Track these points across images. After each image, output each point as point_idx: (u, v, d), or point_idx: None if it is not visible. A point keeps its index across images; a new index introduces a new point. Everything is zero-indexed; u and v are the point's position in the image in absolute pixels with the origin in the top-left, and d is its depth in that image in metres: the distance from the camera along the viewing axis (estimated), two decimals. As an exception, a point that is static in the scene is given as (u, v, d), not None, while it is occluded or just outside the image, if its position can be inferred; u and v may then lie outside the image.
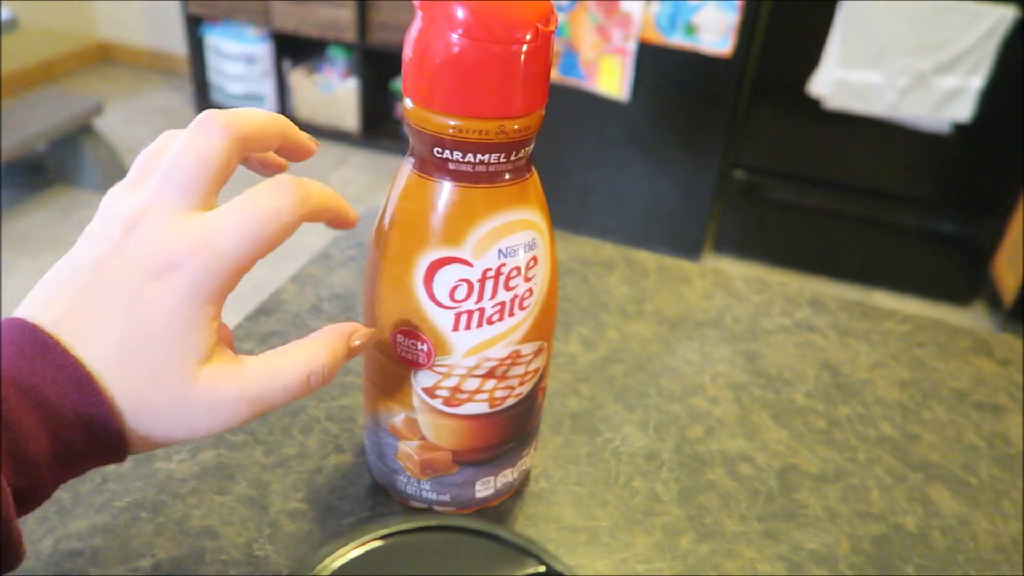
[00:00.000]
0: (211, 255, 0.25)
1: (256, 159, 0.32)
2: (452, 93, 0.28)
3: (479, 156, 0.29)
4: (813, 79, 1.84)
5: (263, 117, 0.28)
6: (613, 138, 2.01)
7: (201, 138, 0.26)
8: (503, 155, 0.29)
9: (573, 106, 1.99)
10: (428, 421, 0.34)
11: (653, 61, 1.87)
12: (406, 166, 0.31)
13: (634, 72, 1.89)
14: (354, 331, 0.30)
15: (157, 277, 0.25)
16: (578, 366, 0.49)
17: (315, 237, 2.14)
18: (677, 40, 1.82)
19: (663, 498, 0.41)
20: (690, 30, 1.80)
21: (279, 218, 0.26)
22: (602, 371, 0.49)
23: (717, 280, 0.60)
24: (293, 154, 0.32)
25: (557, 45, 1.91)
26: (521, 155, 0.30)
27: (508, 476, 0.37)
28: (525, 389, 0.34)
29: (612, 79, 1.92)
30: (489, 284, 0.31)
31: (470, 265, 0.30)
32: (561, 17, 1.87)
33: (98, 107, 2.24)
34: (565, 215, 2.15)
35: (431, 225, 0.30)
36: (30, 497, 0.25)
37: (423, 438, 0.34)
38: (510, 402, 0.34)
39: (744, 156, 2.03)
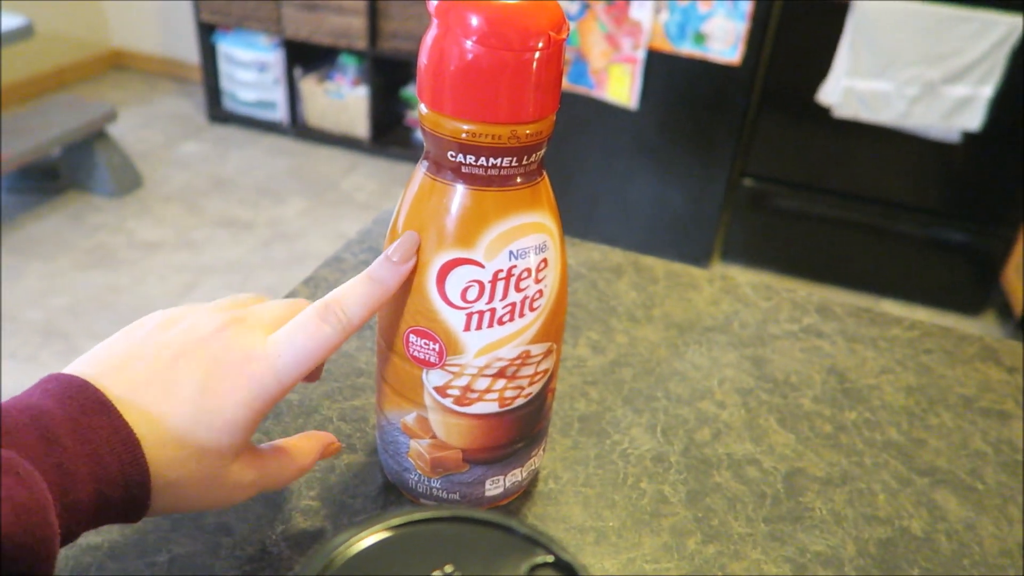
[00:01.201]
0: (272, 373, 0.30)
1: None
2: (466, 98, 0.29)
3: (492, 160, 0.30)
4: (822, 88, 1.84)
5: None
6: (622, 146, 2.02)
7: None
8: (515, 159, 0.30)
9: (582, 114, 2.00)
10: (439, 420, 0.34)
11: (662, 69, 1.88)
12: (420, 169, 0.32)
13: (643, 80, 1.90)
14: (331, 442, 0.36)
15: (232, 376, 0.30)
16: (587, 369, 0.50)
17: (326, 244, 2.15)
18: (686, 49, 1.83)
19: (671, 500, 0.41)
20: (699, 39, 1.81)
21: (326, 348, 0.31)
22: (611, 375, 0.50)
23: (725, 286, 0.60)
24: None
25: (567, 53, 1.92)
26: (533, 159, 0.31)
27: (517, 475, 0.38)
28: (534, 389, 0.35)
29: (621, 87, 1.92)
30: (500, 285, 0.31)
31: (482, 266, 0.31)
32: (571, 26, 1.88)
33: (111, 113, 2.27)
34: (573, 223, 2.16)
35: (444, 227, 0.31)
36: (60, 543, 0.26)
37: (434, 436, 0.35)
38: (520, 402, 0.34)
39: (752, 164, 2.03)
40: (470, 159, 0.30)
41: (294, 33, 2.57)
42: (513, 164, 0.30)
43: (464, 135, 0.29)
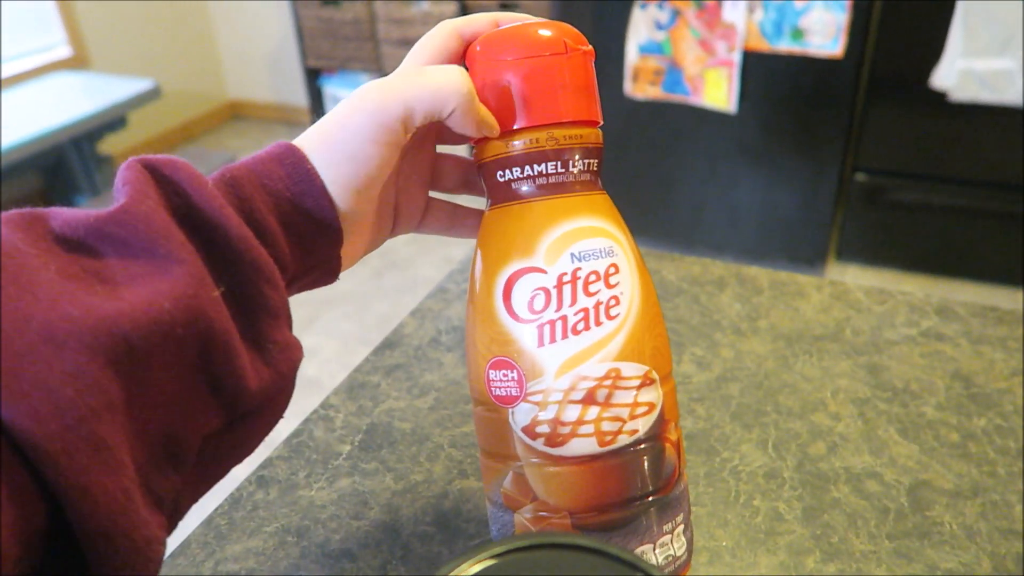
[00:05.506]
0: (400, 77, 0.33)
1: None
2: (500, 111, 0.32)
3: (536, 167, 0.32)
4: (936, 72, 1.74)
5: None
6: (724, 151, 1.98)
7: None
8: (559, 164, 0.32)
9: (680, 122, 1.97)
10: (536, 472, 0.31)
11: (759, 69, 1.83)
12: (484, 212, 0.34)
13: (740, 82, 1.86)
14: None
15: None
16: (692, 386, 0.50)
17: (434, 270, 2.21)
18: (784, 46, 1.78)
19: (786, 517, 0.40)
20: (797, 35, 1.76)
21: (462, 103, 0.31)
22: (717, 390, 0.49)
23: (835, 292, 0.59)
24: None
25: (660, 63, 1.90)
26: (576, 167, 0.32)
27: (648, 557, 0.32)
28: (640, 426, 0.31)
29: (718, 92, 1.89)
30: (567, 290, 0.30)
31: (544, 272, 0.31)
32: (662, 35, 1.87)
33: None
34: (678, 233, 2.13)
35: (503, 242, 0.32)
36: (282, 268, 0.31)
37: (535, 499, 0.32)
38: (624, 440, 0.31)
39: (864, 158, 1.94)
40: (515, 172, 0.32)
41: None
42: (559, 170, 0.32)
43: (506, 149, 0.32)
